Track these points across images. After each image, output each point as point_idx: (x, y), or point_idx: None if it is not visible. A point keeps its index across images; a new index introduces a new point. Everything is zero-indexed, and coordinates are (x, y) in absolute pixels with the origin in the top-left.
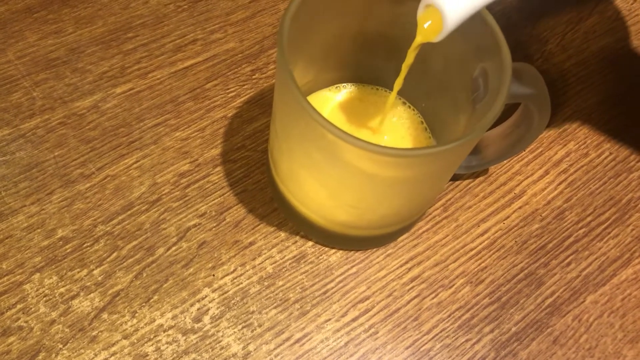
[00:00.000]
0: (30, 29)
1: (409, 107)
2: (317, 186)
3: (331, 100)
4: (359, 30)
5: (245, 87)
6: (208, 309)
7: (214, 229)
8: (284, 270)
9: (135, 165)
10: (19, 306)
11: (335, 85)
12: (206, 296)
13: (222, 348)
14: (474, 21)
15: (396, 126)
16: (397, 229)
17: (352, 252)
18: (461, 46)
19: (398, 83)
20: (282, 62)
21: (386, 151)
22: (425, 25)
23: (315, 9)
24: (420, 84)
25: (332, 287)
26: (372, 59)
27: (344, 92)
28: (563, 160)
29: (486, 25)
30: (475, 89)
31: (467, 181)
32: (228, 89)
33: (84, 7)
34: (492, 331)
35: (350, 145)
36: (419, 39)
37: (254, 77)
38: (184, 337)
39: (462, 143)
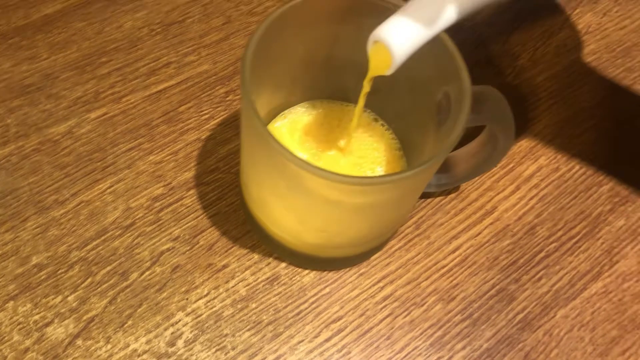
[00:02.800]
0: (4, 55)
1: (382, 124)
2: (285, 212)
3: (303, 118)
4: (327, 55)
5: (218, 109)
6: (182, 333)
7: (187, 252)
8: (257, 292)
9: (109, 190)
10: None
11: (308, 102)
12: (180, 320)
13: None
14: (435, 45)
15: (368, 145)
16: (369, 248)
17: (326, 272)
18: (424, 70)
19: (358, 111)
20: (245, 93)
21: (347, 180)
22: (374, 60)
23: (280, 39)
24: (389, 104)
25: (306, 308)
26: (343, 80)
27: (316, 109)
28: (534, 176)
29: (446, 49)
30: (439, 111)
31: (438, 198)
32: (202, 111)
33: (57, 32)
34: (464, 348)
35: (312, 174)
36: (370, 73)
37: (227, 98)
38: None
39: (423, 169)
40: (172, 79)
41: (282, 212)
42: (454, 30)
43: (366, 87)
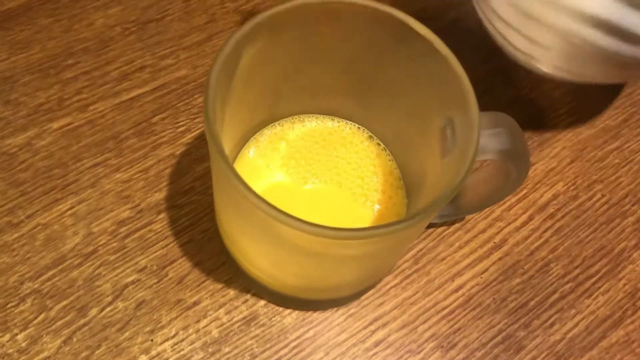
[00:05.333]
0: None
1: (378, 143)
2: (259, 255)
3: (289, 135)
4: (314, 65)
5: (196, 120)
6: None
7: (154, 285)
8: (231, 334)
9: (69, 212)
10: None
11: (294, 117)
12: None
13: None
14: (437, 63)
15: (364, 170)
16: (358, 291)
17: (310, 312)
18: (424, 91)
19: None
20: (209, 124)
21: (329, 233)
22: None
23: (256, 54)
24: (385, 123)
25: (286, 354)
26: (331, 93)
27: (303, 125)
28: (550, 204)
29: (450, 69)
30: (443, 138)
31: (441, 229)
32: (177, 122)
33: (20, 29)
34: None
35: (286, 225)
36: None
37: None
38: None
39: (422, 217)
40: (146, 84)
41: (255, 254)
42: (463, 35)
43: None
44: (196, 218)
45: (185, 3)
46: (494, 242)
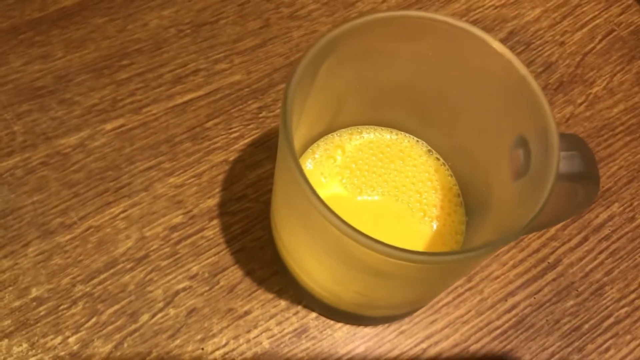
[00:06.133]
0: (14, 52)
1: (437, 158)
2: (321, 269)
3: (347, 147)
4: (379, 79)
5: (250, 126)
6: None
7: (205, 293)
8: (282, 345)
9: (122, 216)
10: None
11: (353, 128)
12: None
13: None
14: (515, 84)
15: (422, 184)
16: (413, 308)
17: (361, 327)
18: (498, 107)
19: None
20: (285, 134)
21: (401, 255)
22: None
23: (327, 67)
24: (447, 138)
25: None
26: (392, 106)
27: (362, 137)
28: (605, 225)
29: (530, 91)
30: (513, 160)
31: None
32: (231, 128)
33: (75, 28)
34: None
35: (360, 244)
36: None
37: (260, 115)
38: None
39: (490, 249)
40: (200, 89)
41: (316, 267)
42: (520, 48)
43: None
44: (249, 226)
45: (240, 7)
46: (548, 262)
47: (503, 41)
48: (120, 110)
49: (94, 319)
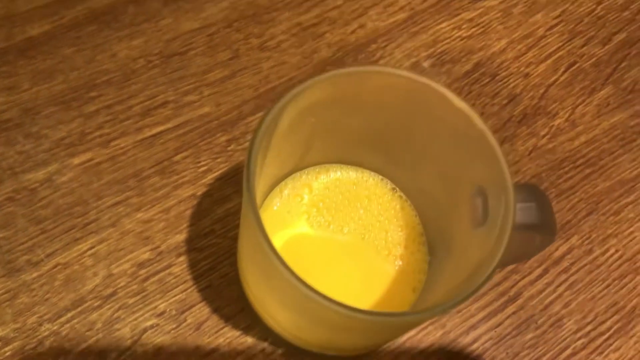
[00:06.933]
0: None
1: (400, 196)
2: (284, 318)
3: (314, 185)
4: (346, 125)
5: (218, 160)
6: None
7: (172, 331)
8: None
9: (89, 252)
10: None
11: (319, 166)
12: None
13: None
14: (474, 138)
15: (389, 223)
16: (377, 349)
17: None
18: (457, 156)
19: None
20: (248, 188)
21: (365, 317)
22: None
23: (295, 117)
24: (411, 179)
25: None
26: (357, 146)
27: (328, 175)
28: (565, 258)
29: (488, 146)
30: (473, 208)
31: None
32: (199, 162)
33: (42, 58)
34: None
35: (322, 306)
36: None
37: (229, 148)
38: None
39: (453, 304)
40: (169, 121)
41: (280, 316)
42: (486, 80)
43: None
44: (216, 262)
45: (210, 37)
46: (509, 296)
47: (469, 73)
48: (88, 144)
49: (60, 359)
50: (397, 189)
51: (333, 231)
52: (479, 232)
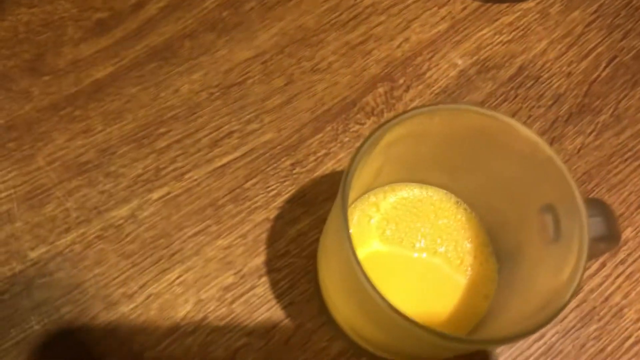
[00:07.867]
0: (57, 129)
1: (465, 209)
2: (369, 335)
3: (384, 204)
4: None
5: (285, 183)
6: None
7: (263, 348)
8: None
9: (178, 281)
10: None
11: (389, 185)
12: None
13: None
14: (542, 163)
15: (458, 237)
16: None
17: None
18: (525, 181)
19: None
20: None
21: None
22: None
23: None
24: (479, 194)
25: None
26: (425, 170)
27: (397, 193)
28: (620, 250)
29: (556, 169)
30: (543, 226)
31: None
32: (268, 187)
33: (110, 99)
34: None
35: (417, 331)
36: None
37: (294, 171)
38: None
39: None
40: (236, 150)
41: (366, 333)
42: (530, 83)
43: None
44: (294, 280)
45: (264, 65)
46: None
47: (513, 77)
48: (164, 178)
49: None
50: (461, 201)
51: (405, 247)
52: (552, 248)
